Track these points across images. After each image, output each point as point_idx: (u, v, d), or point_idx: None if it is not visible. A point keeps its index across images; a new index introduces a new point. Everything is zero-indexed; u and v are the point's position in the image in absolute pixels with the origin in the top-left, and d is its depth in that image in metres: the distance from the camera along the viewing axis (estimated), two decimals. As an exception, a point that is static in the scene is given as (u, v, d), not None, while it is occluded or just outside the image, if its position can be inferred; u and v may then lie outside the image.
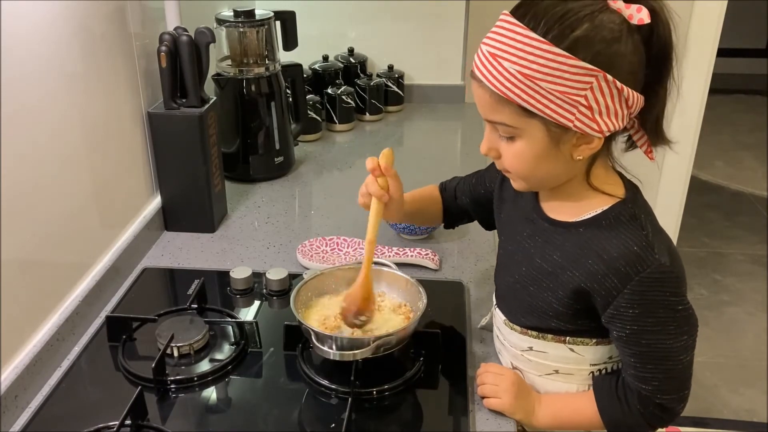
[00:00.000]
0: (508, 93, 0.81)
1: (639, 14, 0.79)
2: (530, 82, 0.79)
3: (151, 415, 0.97)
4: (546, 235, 0.95)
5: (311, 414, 1.02)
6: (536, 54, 0.78)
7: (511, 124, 0.84)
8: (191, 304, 1.17)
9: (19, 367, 0.99)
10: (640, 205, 0.91)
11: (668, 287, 0.85)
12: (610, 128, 0.83)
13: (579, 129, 0.82)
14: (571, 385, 0.98)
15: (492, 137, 0.90)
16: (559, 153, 0.85)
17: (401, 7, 2.11)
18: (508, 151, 0.88)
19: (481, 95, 0.85)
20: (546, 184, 0.93)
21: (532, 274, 0.95)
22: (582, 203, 0.91)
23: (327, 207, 1.59)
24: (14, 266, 0.98)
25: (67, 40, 1.11)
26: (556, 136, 0.83)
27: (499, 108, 0.84)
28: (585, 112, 0.81)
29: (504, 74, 0.80)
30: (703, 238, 3.39)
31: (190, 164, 1.39)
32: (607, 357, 0.95)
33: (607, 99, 0.81)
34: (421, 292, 1.07)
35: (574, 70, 0.78)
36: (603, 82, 0.79)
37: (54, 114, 1.08)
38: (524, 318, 0.97)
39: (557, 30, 0.78)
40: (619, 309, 0.86)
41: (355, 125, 2.05)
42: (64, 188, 1.12)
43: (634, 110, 0.84)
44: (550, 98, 0.80)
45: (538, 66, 0.78)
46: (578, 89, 0.79)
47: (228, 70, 1.63)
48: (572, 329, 0.93)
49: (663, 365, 0.88)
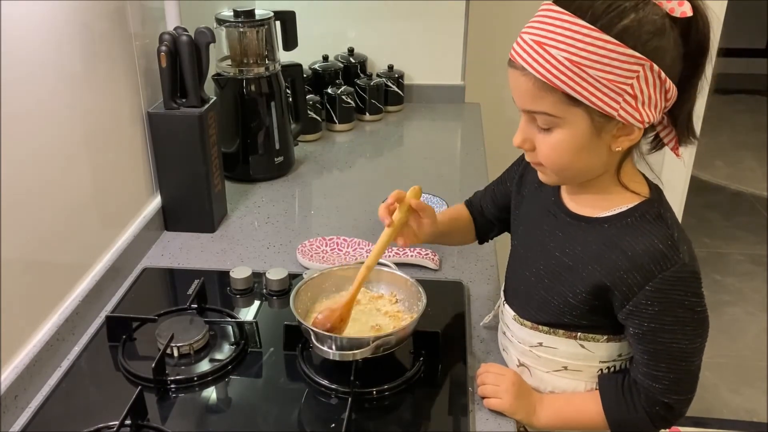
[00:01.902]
0: (554, 80, 0.80)
1: (681, 7, 0.80)
2: (578, 69, 0.79)
3: (151, 415, 0.97)
4: (567, 229, 0.95)
5: (311, 414, 1.02)
6: (585, 41, 0.78)
7: (553, 113, 0.84)
8: (191, 304, 1.17)
9: (19, 367, 0.99)
10: (665, 205, 0.91)
11: (690, 287, 0.86)
12: (651, 119, 0.83)
13: (623, 118, 0.82)
14: (578, 382, 0.98)
15: (528, 128, 0.89)
16: (598, 144, 0.85)
17: (401, 7, 2.11)
18: (545, 142, 0.87)
19: (522, 84, 0.84)
20: (579, 177, 0.92)
21: (550, 268, 0.95)
22: (608, 199, 0.91)
23: (327, 207, 1.59)
24: (14, 266, 0.98)
25: (67, 40, 1.11)
26: (598, 126, 0.83)
27: (542, 96, 0.83)
28: (630, 101, 0.81)
29: (551, 61, 0.80)
30: (703, 238, 3.39)
31: (190, 164, 1.39)
32: (617, 354, 0.95)
33: (650, 89, 0.81)
34: (421, 292, 1.07)
35: (623, 58, 0.78)
36: (649, 72, 0.80)
37: (54, 114, 1.08)
38: (537, 313, 0.97)
39: (606, 19, 0.78)
40: (639, 305, 0.86)
41: (355, 125, 2.05)
42: (63, 188, 1.12)
43: (670, 103, 0.85)
44: (597, 86, 0.80)
45: (587, 53, 0.78)
46: (626, 77, 0.79)
47: (228, 70, 1.63)
48: (585, 325, 0.93)
49: (676, 365, 0.88)
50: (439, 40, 2.15)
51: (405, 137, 2.06)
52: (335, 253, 1.34)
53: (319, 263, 1.31)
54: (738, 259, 3.26)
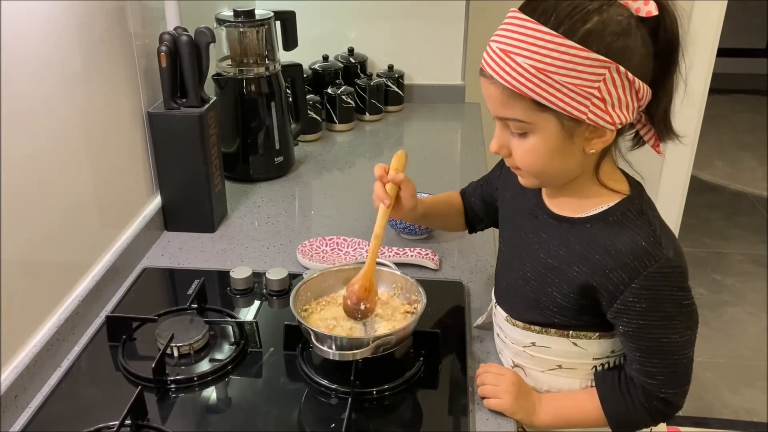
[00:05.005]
0: (521, 87, 0.81)
1: (647, 6, 0.80)
2: (543, 75, 0.80)
3: (151, 415, 0.97)
4: (550, 230, 0.95)
5: (311, 414, 1.02)
6: (548, 47, 0.79)
7: (523, 120, 0.85)
8: (191, 304, 1.17)
9: (19, 367, 0.99)
10: (646, 201, 0.91)
11: (675, 282, 0.86)
12: (622, 120, 0.84)
13: (592, 121, 0.82)
14: (574, 380, 0.98)
15: (503, 135, 0.90)
16: (572, 147, 0.86)
17: (401, 7, 2.11)
18: (520, 148, 0.88)
19: (492, 92, 0.85)
20: (557, 180, 0.93)
21: (536, 270, 0.95)
22: (588, 199, 0.92)
23: (327, 207, 1.59)
24: (14, 266, 0.98)
25: (67, 40, 1.11)
26: (569, 130, 0.84)
27: (512, 103, 0.84)
28: (598, 104, 0.81)
29: (517, 69, 0.81)
30: (703, 238, 3.39)
31: (190, 164, 1.39)
32: (610, 351, 0.96)
33: (619, 91, 0.81)
34: (421, 292, 1.07)
35: (587, 62, 0.79)
36: (615, 74, 0.80)
37: (54, 114, 1.08)
38: (527, 314, 0.97)
39: (568, 23, 0.79)
40: (626, 303, 0.86)
41: (355, 125, 2.05)
42: (63, 188, 1.12)
43: (643, 103, 0.85)
44: (563, 91, 0.80)
45: (551, 59, 0.79)
46: (591, 81, 0.80)
47: (228, 70, 1.63)
48: (576, 324, 0.93)
49: (668, 359, 0.89)
50: (439, 40, 2.15)
51: (405, 137, 2.06)
52: (335, 253, 1.34)
53: (319, 263, 1.31)
54: (738, 259, 3.26)
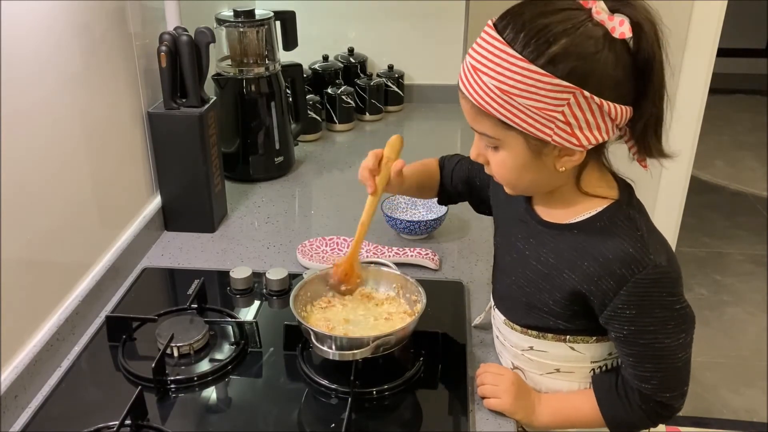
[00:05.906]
0: (486, 106, 0.82)
1: (621, 28, 0.78)
2: (507, 97, 0.80)
3: (151, 415, 0.97)
4: (539, 236, 0.95)
5: (311, 414, 1.02)
6: (513, 70, 0.79)
7: (492, 135, 0.86)
8: (191, 304, 1.17)
9: (19, 367, 0.99)
10: (635, 205, 0.91)
11: (665, 287, 0.85)
12: (592, 141, 0.82)
13: (558, 143, 0.82)
14: (572, 384, 0.98)
15: (480, 144, 0.91)
16: (541, 164, 0.86)
17: (401, 7, 2.11)
18: (493, 160, 0.90)
19: (464, 105, 0.87)
20: (534, 190, 0.94)
21: (528, 276, 0.95)
22: (575, 206, 0.91)
23: (327, 207, 1.59)
24: (14, 266, 0.98)
25: (67, 40, 1.11)
26: (536, 149, 0.84)
27: (480, 119, 0.85)
28: (563, 127, 0.81)
29: (483, 88, 0.81)
30: (703, 238, 3.39)
31: (190, 164, 1.39)
32: (608, 354, 0.96)
33: (586, 114, 0.80)
34: (421, 292, 1.07)
35: (550, 87, 0.78)
36: (581, 98, 0.79)
37: (54, 114, 1.08)
38: (524, 318, 0.97)
39: (533, 46, 0.78)
40: (616, 310, 0.86)
41: (355, 125, 2.05)
42: (63, 188, 1.12)
43: (621, 122, 0.83)
44: (527, 113, 0.80)
45: (514, 82, 0.79)
46: (555, 105, 0.79)
47: (228, 70, 1.63)
48: (572, 328, 0.93)
49: (662, 364, 0.89)
50: (439, 40, 2.15)
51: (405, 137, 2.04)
52: (335, 253, 1.34)
53: (319, 263, 1.31)
54: (738, 259, 3.26)
